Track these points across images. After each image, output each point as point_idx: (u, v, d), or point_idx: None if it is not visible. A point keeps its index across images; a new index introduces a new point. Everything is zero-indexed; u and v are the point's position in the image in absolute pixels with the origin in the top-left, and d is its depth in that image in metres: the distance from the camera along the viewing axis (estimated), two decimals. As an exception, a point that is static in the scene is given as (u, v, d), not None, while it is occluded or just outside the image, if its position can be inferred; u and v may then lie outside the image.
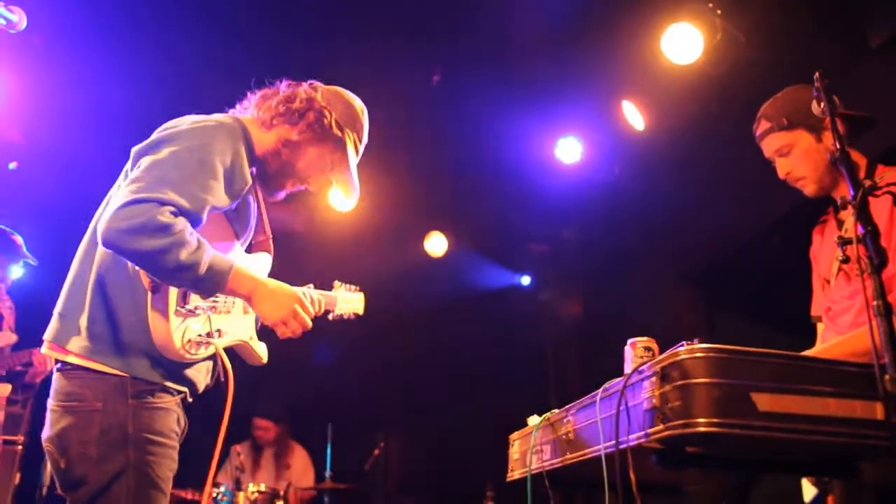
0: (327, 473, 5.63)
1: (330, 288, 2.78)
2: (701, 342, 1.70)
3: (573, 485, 2.61)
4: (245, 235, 2.35)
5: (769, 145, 2.61)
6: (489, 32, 5.03)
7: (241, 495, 5.11)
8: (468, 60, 5.30)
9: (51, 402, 2.07)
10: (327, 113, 2.35)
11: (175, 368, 2.11)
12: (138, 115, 5.18)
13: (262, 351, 2.45)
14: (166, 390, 2.10)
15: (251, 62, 5.20)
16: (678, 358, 1.65)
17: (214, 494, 5.19)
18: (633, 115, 5.38)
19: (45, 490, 4.49)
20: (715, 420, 1.58)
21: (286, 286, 2.20)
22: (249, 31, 5.02)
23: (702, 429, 1.57)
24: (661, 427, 1.65)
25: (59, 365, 2.09)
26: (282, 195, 2.43)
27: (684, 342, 1.73)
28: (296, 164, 2.34)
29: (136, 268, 1.99)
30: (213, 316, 2.16)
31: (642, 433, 1.74)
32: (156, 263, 1.89)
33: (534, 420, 2.62)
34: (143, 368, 2.04)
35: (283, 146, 2.31)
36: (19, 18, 2.29)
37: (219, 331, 2.18)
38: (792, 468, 2.03)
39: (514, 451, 2.77)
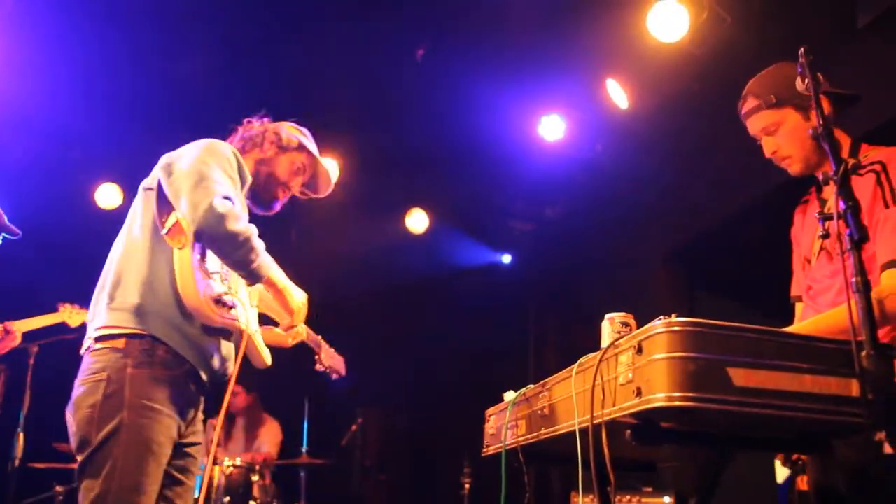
0: (304, 448, 5.61)
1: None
2: (678, 317, 1.68)
3: (547, 460, 2.60)
4: None
5: (755, 123, 2.57)
6: (473, 7, 4.98)
7: (216, 469, 5.08)
8: (452, 35, 5.25)
9: (76, 381, 2.32)
10: (281, 129, 2.88)
11: (189, 337, 2.36)
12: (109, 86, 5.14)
13: (265, 352, 2.72)
14: (175, 361, 2.31)
15: (235, 50, 5.17)
16: (654, 332, 1.63)
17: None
18: (617, 94, 5.35)
19: (17, 462, 4.44)
20: (690, 394, 1.56)
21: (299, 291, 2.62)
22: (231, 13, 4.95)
23: (677, 403, 1.55)
24: (635, 402, 1.63)
25: (85, 347, 2.36)
26: (277, 206, 2.84)
27: (661, 317, 1.70)
28: (276, 173, 2.79)
29: (165, 233, 2.31)
30: (231, 282, 2.46)
31: (616, 408, 1.72)
32: (241, 245, 2.27)
33: (509, 395, 2.61)
34: (159, 326, 2.30)
35: (260, 165, 2.78)
36: None
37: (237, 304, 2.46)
38: (767, 445, 2.02)
39: (490, 427, 2.75)
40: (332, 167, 2.88)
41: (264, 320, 2.86)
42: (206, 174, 2.30)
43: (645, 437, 1.73)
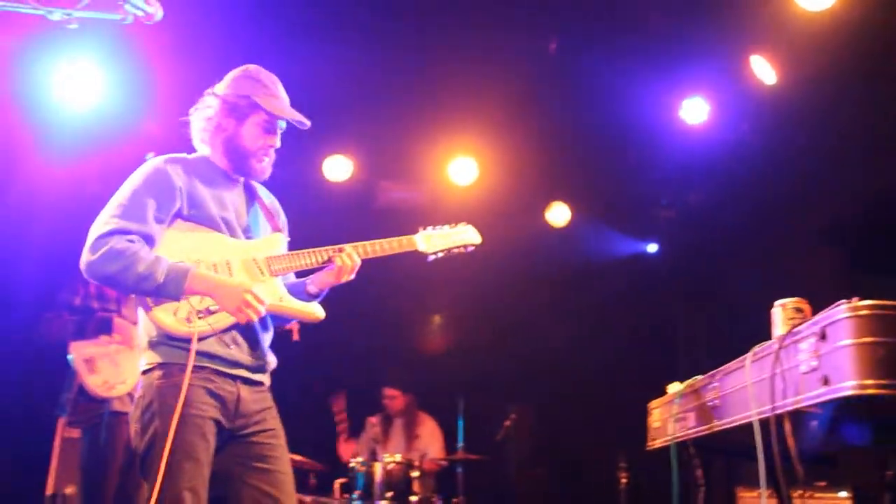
0: (459, 444, 5.70)
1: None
2: (860, 300, 1.60)
3: (720, 453, 2.53)
4: (241, 229, 2.73)
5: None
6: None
7: (377, 465, 5.24)
8: (586, 24, 5.20)
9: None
10: (227, 97, 2.73)
11: (187, 347, 2.46)
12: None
13: (304, 307, 2.71)
14: (183, 367, 2.45)
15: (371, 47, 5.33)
16: (840, 317, 1.56)
17: (352, 465, 5.35)
18: (763, 69, 5.13)
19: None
20: (882, 382, 1.49)
21: (236, 283, 2.55)
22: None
23: (870, 391, 1.48)
24: (822, 390, 1.57)
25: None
26: (266, 170, 2.78)
27: (843, 301, 1.62)
28: (244, 144, 2.72)
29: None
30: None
31: (800, 397, 1.66)
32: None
33: (674, 387, 2.56)
34: (166, 353, 2.49)
35: (225, 143, 2.72)
36: (155, 10, 2.34)
37: (208, 308, 2.51)
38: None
39: (654, 420, 2.71)
40: (284, 97, 2.81)
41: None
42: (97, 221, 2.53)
43: (832, 427, 1.66)
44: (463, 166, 6.54)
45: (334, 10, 5.25)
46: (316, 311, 2.73)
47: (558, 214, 6.94)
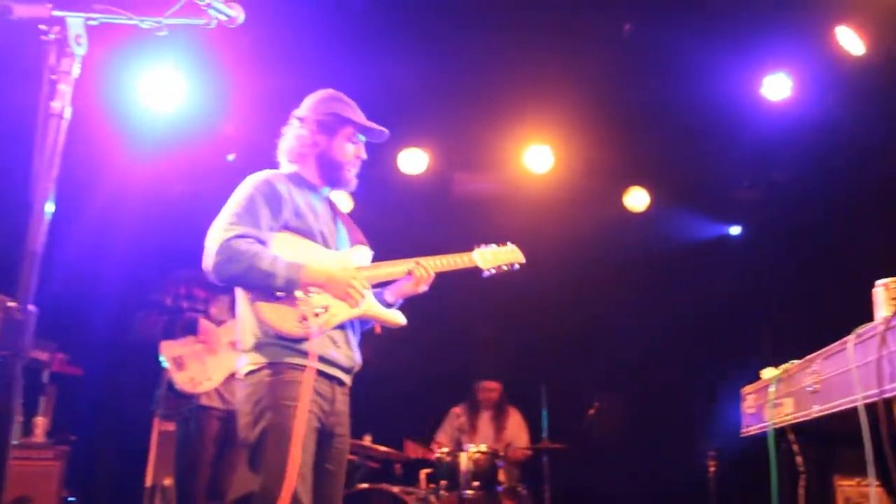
0: (544, 434, 5.68)
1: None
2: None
3: (818, 440, 2.45)
4: (333, 240, 2.97)
5: None
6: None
7: (462, 455, 5.26)
8: (661, 1, 5.08)
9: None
10: (317, 116, 2.97)
11: (298, 347, 2.68)
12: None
13: (389, 314, 2.99)
14: (295, 367, 2.66)
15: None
16: (952, 296, 1.49)
17: (438, 455, 5.39)
18: (850, 41, 4.93)
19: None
20: None
21: (347, 273, 2.80)
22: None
23: None
24: (935, 372, 1.50)
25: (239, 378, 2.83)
26: (354, 181, 3.04)
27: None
28: (336, 157, 2.97)
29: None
30: (315, 297, 2.71)
31: (911, 380, 1.59)
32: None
33: (769, 372, 2.49)
34: (273, 353, 2.68)
35: (318, 157, 2.97)
36: (237, 13, 2.38)
37: (325, 307, 2.73)
38: None
39: (749, 406, 2.65)
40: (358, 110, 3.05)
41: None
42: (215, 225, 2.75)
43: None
44: (538, 154, 6.49)
45: (404, 4, 5.28)
46: (399, 318, 3.00)
47: (637, 199, 6.83)
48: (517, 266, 3.27)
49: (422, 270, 2.95)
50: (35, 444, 4.86)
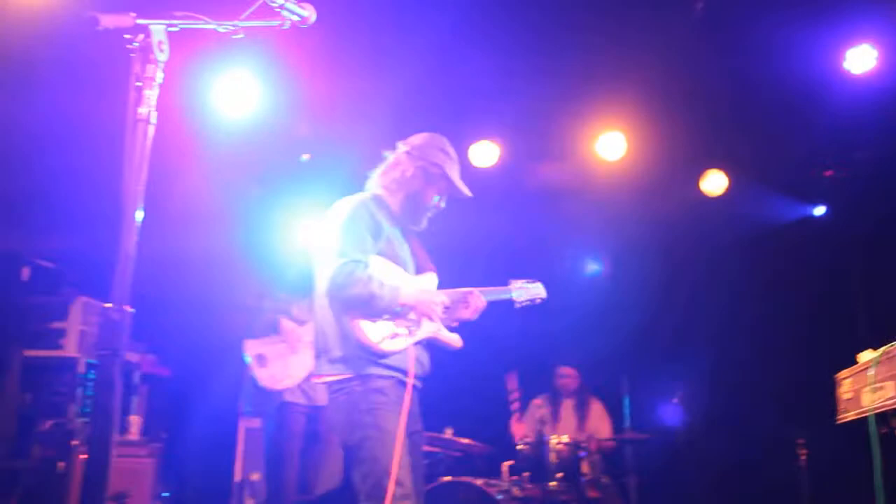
0: (626, 424, 5.61)
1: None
2: None
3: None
4: (410, 267, 3.25)
5: None
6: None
7: (545, 446, 5.23)
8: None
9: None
10: (425, 162, 3.27)
11: (385, 361, 2.99)
12: (408, 107, 5.46)
13: (451, 337, 3.29)
14: (383, 377, 2.98)
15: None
16: None
17: (520, 446, 5.38)
18: (939, 7, 4.71)
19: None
20: None
21: (431, 294, 3.16)
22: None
23: None
24: None
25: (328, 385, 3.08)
26: (425, 224, 3.35)
27: None
28: (425, 201, 3.29)
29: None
30: (405, 317, 3.07)
31: None
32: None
33: (866, 355, 2.40)
34: (360, 366, 2.97)
35: (409, 195, 3.28)
36: (310, 13, 2.41)
37: (409, 328, 3.08)
38: None
39: (845, 391, 2.55)
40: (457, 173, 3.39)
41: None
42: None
43: None
44: (611, 141, 6.39)
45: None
46: (457, 340, 3.31)
47: (714, 182, 6.64)
48: (539, 301, 3.64)
49: (477, 299, 3.29)
50: (131, 442, 5.04)
